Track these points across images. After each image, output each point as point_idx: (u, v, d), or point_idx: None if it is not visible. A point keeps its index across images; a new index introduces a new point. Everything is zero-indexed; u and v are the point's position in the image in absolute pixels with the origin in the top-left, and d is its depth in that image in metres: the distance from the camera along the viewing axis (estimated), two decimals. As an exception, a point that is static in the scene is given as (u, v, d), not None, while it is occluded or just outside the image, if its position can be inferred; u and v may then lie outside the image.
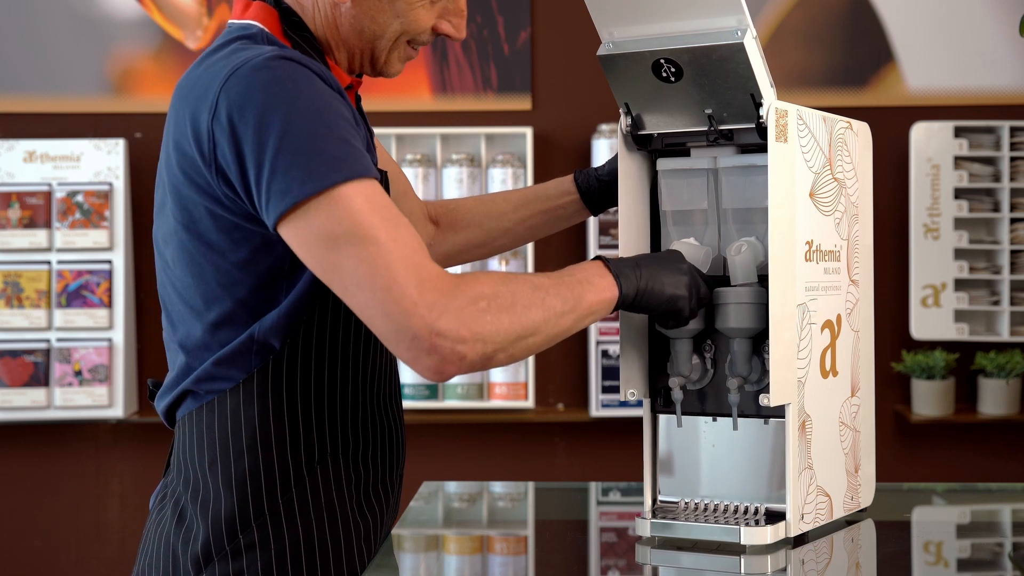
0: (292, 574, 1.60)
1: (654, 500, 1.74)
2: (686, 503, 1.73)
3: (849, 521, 1.80)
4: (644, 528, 1.68)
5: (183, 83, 1.58)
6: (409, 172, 3.99)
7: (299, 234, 1.47)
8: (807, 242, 1.67)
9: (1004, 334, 4.05)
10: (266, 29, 1.62)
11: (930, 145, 4.05)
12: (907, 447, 4.17)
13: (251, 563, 1.59)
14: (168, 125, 1.59)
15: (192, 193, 1.55)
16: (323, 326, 1.61)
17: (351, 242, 1.44)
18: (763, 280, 1.63)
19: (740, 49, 1.57)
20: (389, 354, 1.72)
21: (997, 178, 4.06)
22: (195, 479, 1.63)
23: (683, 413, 1.70)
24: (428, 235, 1.99)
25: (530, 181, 4.04)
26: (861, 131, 1.81)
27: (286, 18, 1.64)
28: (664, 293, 1.61)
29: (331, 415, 1.63)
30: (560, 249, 4.10)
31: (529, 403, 4.01)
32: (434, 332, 1.43)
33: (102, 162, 4.02)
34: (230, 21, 1.66)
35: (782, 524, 1.63)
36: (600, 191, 1.96)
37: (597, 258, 1.61)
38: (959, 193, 4.06)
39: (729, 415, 1.67)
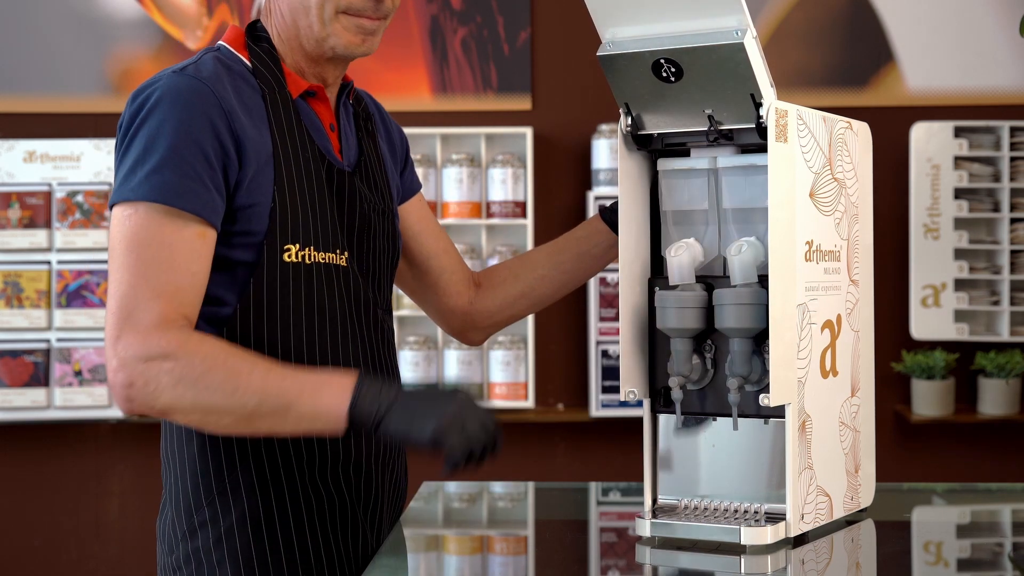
0: (241, 546, 1.69)
1: (654, 500, 1.74)
2: (686, 503, 1.73)
3: (849, 521, 1.80)
4: (644, 528, 1.68)
5: None
6: (409, 172, 3.99)
7: (112, 222, 1.64)
8: (807, 242, 1.67)
9: (1004, 334, 4.05)
10: (227, 45, 1.76)
11: (930, 145, 4.05)
12: (907, 447, 4.17)
13: (204, 540, 1.70)
14: None
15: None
16: (260, 312, 1.68)
17: (117, 258, 1.60)
18: (763, 280, 1.63)
19: (740, 49, 1.57)
20: (348, 343, 1.76)
21: (997, 178, 4.06)
22: (164, 465, 1.76)
23: (683, 413, 1.70)
24: (467, 297, 2.03)
25: (530, 181, 4.04)
26: (861, 131, 1.81)
27: (251, 33, 1.79)
28: (422, 433, 1.54)
29: None
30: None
31: (529, 403, 4.02)
32: (113, 370, 1.56)
33: (102, 162, 4.02)
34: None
35: (782, 524, 1.63)
36: None
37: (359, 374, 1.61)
38: (959, 193, 4.06)
39: (729, 415, 1.67)
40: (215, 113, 1.63)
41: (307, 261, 1.69)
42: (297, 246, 1.68)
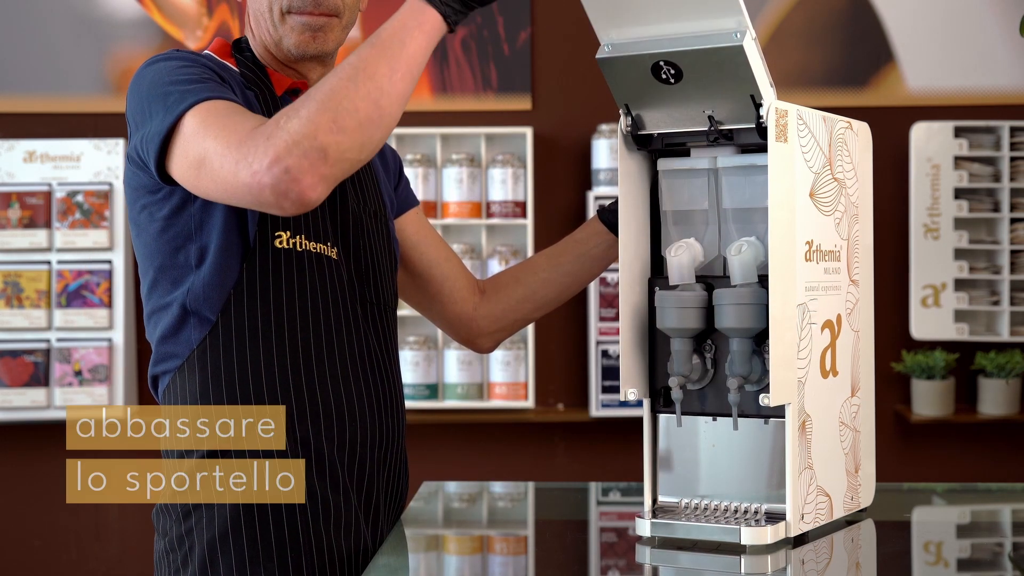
0: (232, 532, 1.70)
1: (654, 500, 1.74)
2: (686, 503, 1.73)
3: (849, 521, 1.80)
4: (644, 528, 1.68)
5: None
6: (409, 172, 3.99)
7: (172, 168, 1.63)
8: (807, 242, 1.67)
9: (1004, 334, 4.05)
10: (212, 54, 1.82)
11: (930, 145, 4.05)
12: (907, 447, 4.17)
13: (198, 520, 1.72)
14: None
15: (127, 188, 1.77)
16: (253, 296, 1.72)
17: (196, 155, 1.58)
18: (763, 280, 1.63)
19: (740, 52, 1.57)
20: (343, 333, 1.79)
21: (997, 178, 4.06)
22: (165, 453, 1.78)
23: (683, 413, 1.70)
24: (471, 303, 2.06)
25: (530, 181, 4.04)
26: (861, 131, 1.81)
27: (236, 45, 1.86)
28: None
29: (269, 380, 1.72)
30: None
31: (529, 403, 4.01)
32: (258, 175, 1.51)
33: (102, 162, 4.02)
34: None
35: (782, 524, 1.63)
36: None
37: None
38: (959, 193, 4.06)
39: (729, 415, 1.67)
40: (211, 66, 1.72)
41: (298, 248, 1.74)
42: (288, 233, 1.73)
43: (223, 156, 1.54)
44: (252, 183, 1.51)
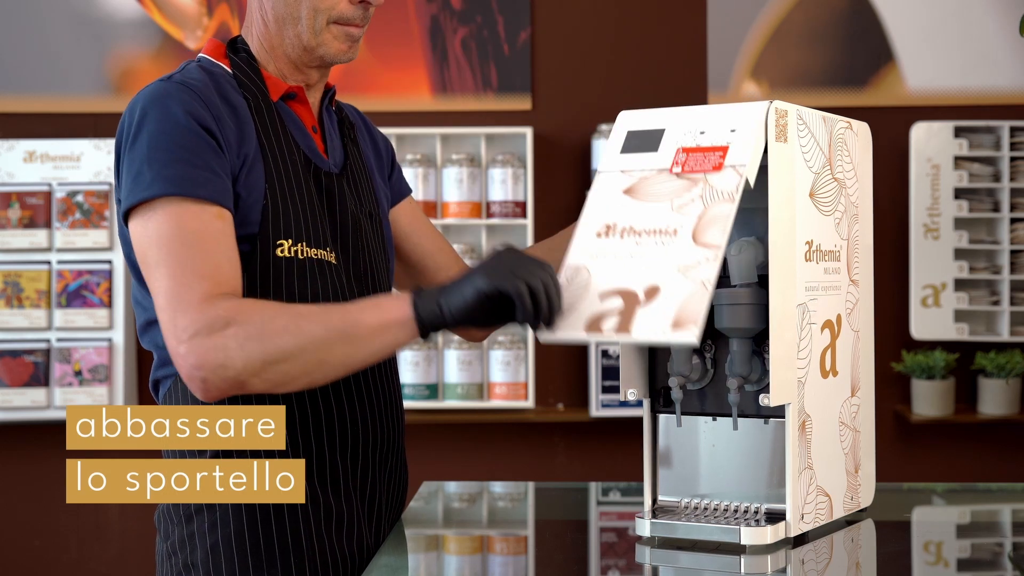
0: (235, 533, 1.71)
1: (654, 500, 1.74)
2: (686, 503, 1.73)
3: (849, 521, 1.80)
4: (644, 528, 1.68)
5: None
6: (409, 172, 3.99)
7: (133, 234, 1.66)
8: (807, 242, 1.67)
9: (1004, 334, 4.05)
10: (207, 56, 1.81)
11: (930, 145, 4.05)
12: (907, 447, 4.17)
13: (200, 524, 1.73)
14: None
15: (116, 199, 1.73)
16: None
17: (150, 261, 1.62)
18: (763, 280, 1.63)
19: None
20: None
21: (997, 178, 4.06)
22: (166, 454, 1.78)
23: (683, 413, 1.70)
24: None
25: (530, 181, 4.04)
26: (861, 131, 1.81)
27: (232, 45, 1.84)
28: (475, 289, 1.54)
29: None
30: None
31: (529, 403, 4.01)
32: (180, 356, 1.57)
33: (102, 162, 4.02)
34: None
35: (782, 524, 1.63)
36: None
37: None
38: (959, 193, 4.06)
39: (729, 415, 1.67)
40: (204, 109, 1.69)
41: (300, 256, 1.73)
42: (290, 242, 1.73)
43: (166, 301, 1.58)
44: (173, 356, 1.58)
